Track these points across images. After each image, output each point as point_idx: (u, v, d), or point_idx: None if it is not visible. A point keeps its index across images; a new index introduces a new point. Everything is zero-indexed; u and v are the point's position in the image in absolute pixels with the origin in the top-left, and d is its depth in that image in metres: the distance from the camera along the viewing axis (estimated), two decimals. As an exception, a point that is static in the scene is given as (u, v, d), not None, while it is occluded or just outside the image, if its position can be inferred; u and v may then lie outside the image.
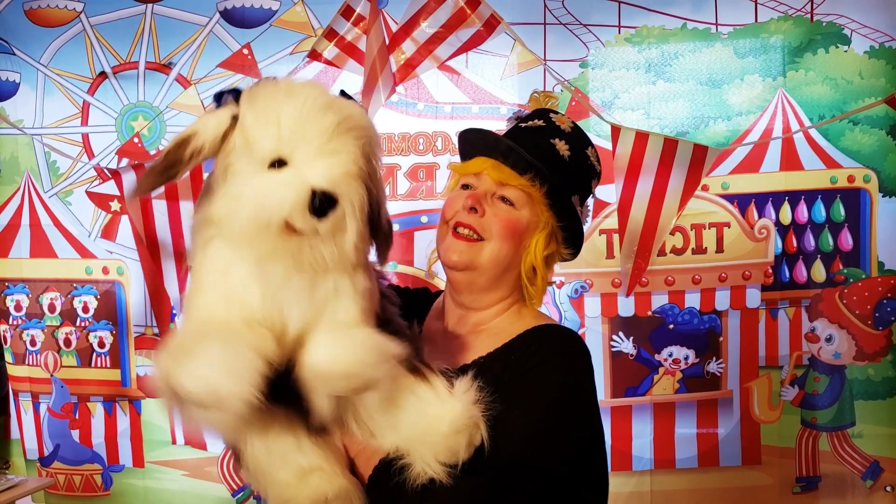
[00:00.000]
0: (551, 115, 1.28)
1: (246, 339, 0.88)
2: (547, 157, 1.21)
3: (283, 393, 0.92)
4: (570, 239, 1.26)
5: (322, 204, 0.87)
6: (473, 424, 1.02)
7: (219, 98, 0.95)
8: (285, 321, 0.94)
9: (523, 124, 1.28)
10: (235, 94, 0.96)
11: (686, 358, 2.68)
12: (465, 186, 1.25)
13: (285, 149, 0.90)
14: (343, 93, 1.01)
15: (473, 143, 1.27)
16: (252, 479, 1.06)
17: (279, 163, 0.90)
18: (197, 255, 0.98)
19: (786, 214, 2.64)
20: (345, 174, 0.90)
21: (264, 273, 0.93)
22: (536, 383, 1.11)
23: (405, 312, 1.15)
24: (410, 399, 1.02)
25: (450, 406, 1.02)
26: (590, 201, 1.32)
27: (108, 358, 2.94)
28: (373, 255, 1.05)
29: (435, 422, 1.01)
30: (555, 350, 1.16)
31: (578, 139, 1.26)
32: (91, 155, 2.90)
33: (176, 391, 0.86)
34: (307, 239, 0.90)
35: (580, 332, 2.67)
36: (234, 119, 0.93)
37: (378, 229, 1.00)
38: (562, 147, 1.23)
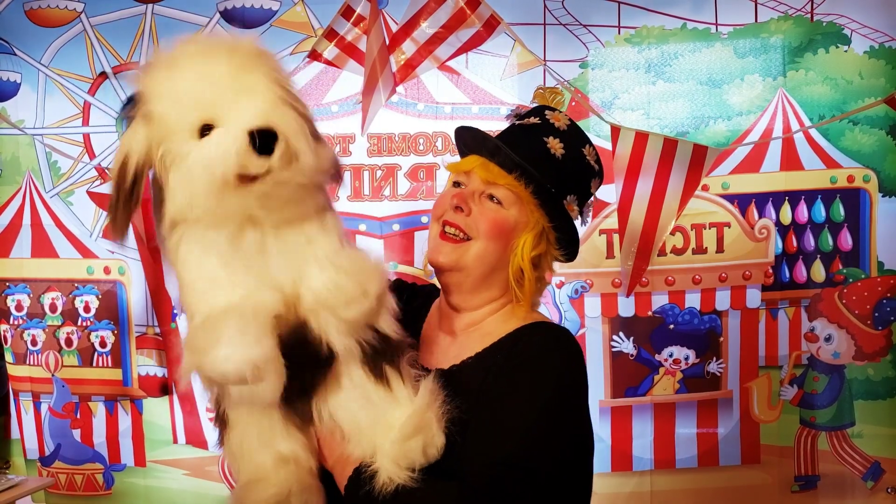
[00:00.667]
0: (547, 112, 1.26)
1: (251, 308, 0.90)
2: (537, 156, 1.19)
3: (295, 361, 0.94)
4: (563, 240, 1.23)
5: (264, 140, 0.87)
6: (425, 427, 1.01)
7: (120, 115, 0.96)
8: (275, 283, 0.95)
9: (519, 122, 1.26)
10: (131, 101, 0.95)
11: (686, 358, 2.68)
12: (457, 184, 1.24)
13: (207, 112, 0.89)
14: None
15: (466, 141, 1.27)
16: (230, 456, 1.09)
17: (207, 128, 0.89)
18: (174, 261, 0.99)
19: (786, 214, 2.64)
20: (271, 105, 0.89)
21: (237, 248, 0.94)
22: (522, 381, 1.10)
23: (409, 309, 1.16)
24: (367, 406, 1.03)
25: (400, 412, 1.02)
26: (590, 201, 1.29)
27: (109, 357, 2.94)
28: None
29: (386, 429, 1.01)
30: (542, 347, 1.15)
31: (574, 137, 1.24)
32: (92, 155, 2.90)
33: (215, 380, 0.89)
34: (267, 180, 0.89)
35: (580, 333, 2.68)
36: (145, 120, 0.92)
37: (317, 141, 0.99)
38: (555, 145, 1.20)
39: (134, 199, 0.95)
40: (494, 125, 2.66)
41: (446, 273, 1.22)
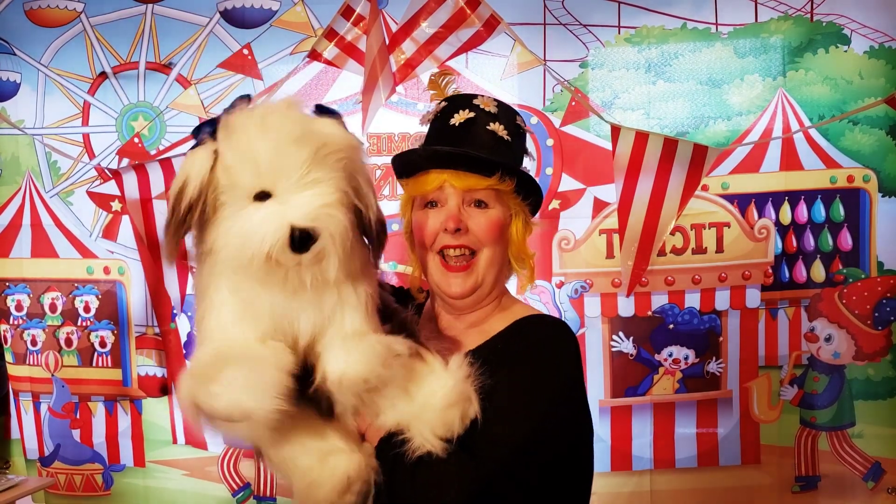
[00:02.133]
0: (475, 101, 1.26)
1: (264, 357, 0.93)
2: (496, 147, 1.22)
3: (300, 390, 0.97)
4: (534, 205, 1.29)
5: (302, 240, 0.91)
6: (466, 398, 1.05)
7: (197, 132, 0.97)
8: (296, 333, 0.99)
9: (453, 121, 1.25)
10: (212, 126, 0.97)
11: (686, 358, 2.68)
12: (430, 204, 1.24)
13: (266, 182, 0.92)
14: (320, 108, 1.01)
15: (418, 159, 1.25)
16: (276, 469, 1.09)
17: (263, 195, 0.92)
18: (203, 280, 1.01)
19: (785, 214, 2.64)
20: (324, 206, 0.92)
21: (269, 291, 0.96)
22: (525, 370, 1.13)
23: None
24: (407, 377, 1.05)
25: (443, 381, 1.06)
26: (527, 160, 1.33)
27: (109, 357, 2.94)
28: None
29: (430, 397, 1.05)
30: (539, 337, 1.19)
31: (507, 115, 1.27)
32: (92, 155, 2.90)
33: (203, 410, 0.92)
34: (294, 269, 0.94)
35: (580, 333, 2.68)
36: (216, 154, 0.95)
37: (371, 234, 1.04)
38: (500, 130, 1.24)
39: (187, 225, 0.97)
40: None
41: (460, 300, 1.24)
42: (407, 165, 1.27)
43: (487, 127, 1.23)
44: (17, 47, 2.89)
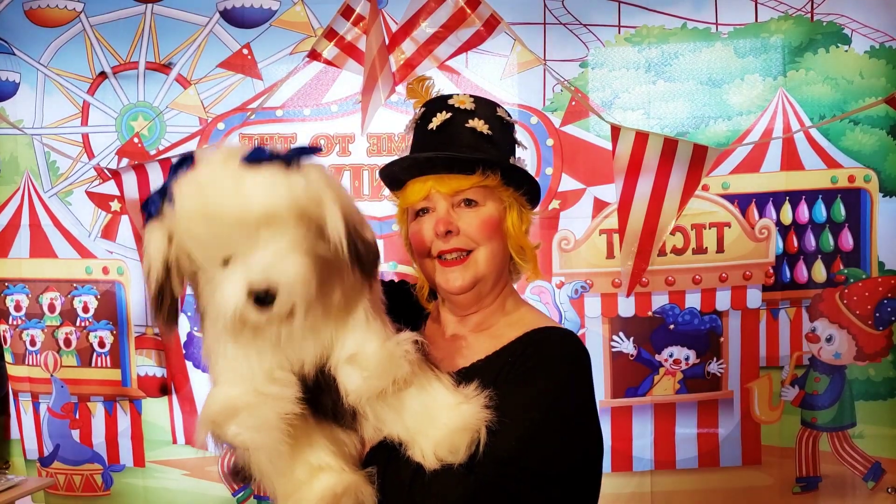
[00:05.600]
0: (450, 101, 1.26)
1: (267, 400, 0.98)
2: (477, 144, 1.21)
3: (314, 399, 1.03)
4: (529, 194, 1.27)
5: (263, 297, 0.92)
6: (476, 426, 1.03)
7: (145, 206, 0.96)
8: (301, 361, 1.03)
9: (430, 125, 1.26)
10: (161, 197, 0.95)
11: (686, 358, 2.68)
12: (421, 212, 1.24)
13: (224, 251, 0.93)
14: (257, 154, 0.95)
15: (401, 171, 1.25)
16: (261, 476, 1.08)
17: (226, 260, 0.94)
18: (207, 332, 1.05)
19: (786, 214, 2.63)
20: (279, 261, 0.92)
21: (265, 338, 1.00)
22: (532, 384, 1.11)
23: (399, 309, 1.16)
24: (415, 391, 1.05)
25: (461, 403, 1.05)
26: (520, 150, 1.33)
27: (108, 358, 2.94)
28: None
29: (444, 415, 1.04)
30: (552, 354, 1.16)
31: (486, 109, 1.26)
32: (91, 155, 2.90)
33: (222, 443, 1.00)
34: (271, 324, 0.96)
35: (580, 333, 2.67)
36: (169, 233, 0.95)
37: (360, 257, 1.01)
38: (479, 125, 1.23)
39: (173, 298, 0.99)
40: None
41: (461, 295, 1.23)
42: (392, 179, 1.28)
43: (466, 125, 1.23)
44: (17, 47, 2.88)
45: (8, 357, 3.00)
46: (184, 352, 2.88)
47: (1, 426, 3.05)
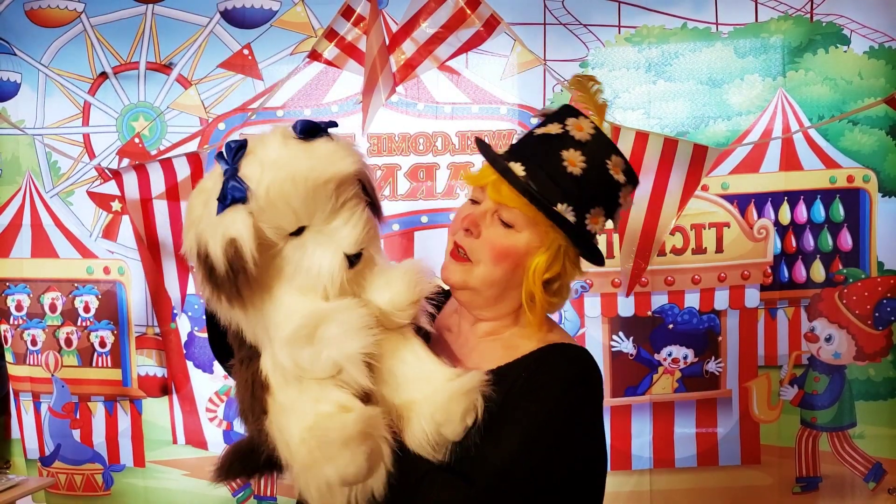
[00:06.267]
0: (570, 120, 1.16)
1: (343, 306, 1.02)
2: (552, 175, 1.11)
3: None
4: (586, 252, 1.17)
5: (354, 260, 1.04)
6: (473, 398, 1.03)
7: (222, 197, 1.00)
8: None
9: (538, 130, 1.18)
10: (229, 180, 1.00)
11: (685, 357, 2.68)
12: (474, 201, 1.20)
13: (302, 220, 1.02)
14: (306, 125, 1.04)
15: (485, 154, 1.21)
16: (278, 415, 1.04)
17: (299, 230, 1.02)
18: (259, 306, 1.07)
19: (785, 214, 2.64)
20: (362, 225, 1.04)
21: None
22: (535, 401, 1.09)
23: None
24: (413, 360, 1.07)
25: (457, 376, 1.06)
26: (618, 210, 1.21)
27: (108, 358, 2.94)
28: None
29: (442, 384, 1.05)
30: (561, 370, 1.13)
31: (598, 148, 1.14)
32: (92, 155, 2.91)
33: (306, 371, 1.01)
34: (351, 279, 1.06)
35: (580, 333, 2.68)
36: (251, 214, 1.01)
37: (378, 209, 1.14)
38: (574, 160, 1.12)
39: (246, 274, 1.01)
40: (494, 125, 2.68)
41: (457, 291, 1.21)
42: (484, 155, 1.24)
43: (561, 152, 1.12)
44: (18, 47, 2.89)
45: (9, 357, 3.01)
46: (184, 352, 2.89)
47: (2, 426, 3.05)
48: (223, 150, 1.03)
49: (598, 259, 1.19)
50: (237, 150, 1.01)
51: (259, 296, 1.03)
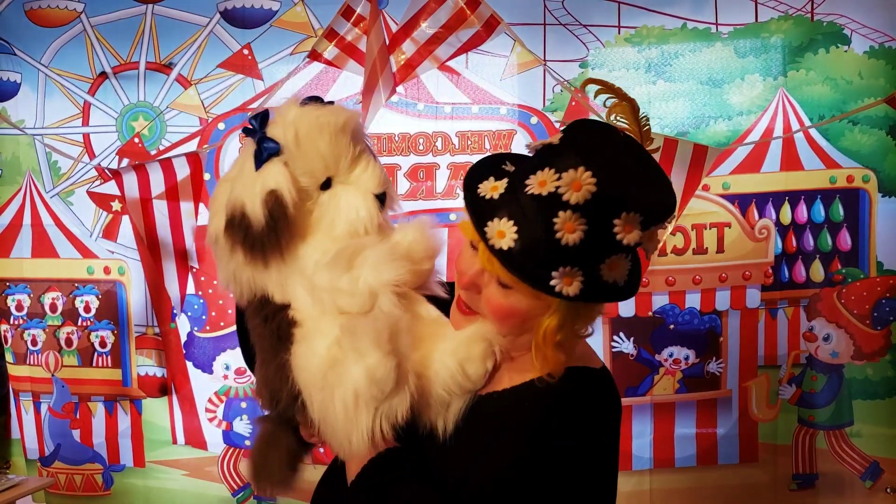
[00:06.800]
0: (566, 175, 0.90)
1: (374, 240, 1.10)
2: (542, 248, 0.92)
3: None
4: (608, 299, 1.01)
5: (382, 199, 1.12)
6: (488, 338, 1.04)
7: (258, 155, 1.08)
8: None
9: (528, 182, 0.93)
10: (260, 142, 1.09)
11: (686, 358, 2.69)
12: (474, 246, 1.05)
13: (331, 171, 1.10)
14: (311, 98, 1.14)
15: (469, 209, 1.02)
16: (306, 340, 1.06)
17: (327, 182, 1.10)
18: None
19: (786, 214, 2.64)
20: (380, 169, 1.14)
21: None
22: (541, 423, 1.02)
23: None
24: (431, 319, 1.10)
25: (472, 326, 1.07)
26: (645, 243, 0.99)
27: (109, 358, 2.94)
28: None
29: (458, 334, 1.07)
30: (572, 399, 1.04)
31: (602, 208, 0.91)
32: (92, 155, 2.90)
33: (344, 295, 1.05)
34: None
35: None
36: (286, 164, 1.08)
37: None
38: (569, 227, 0.90)
39: (284, 226, 1.07)
40: (495, 125, 2.67)
41: None
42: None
43: (553, 219, 0.91)
44: (17, 47, 2.89)
45: (9, 357, 3.00)
46: (184, 352, 2.89)
47: (2, 426, 3.05)
48: (248, 123, 1.12)
49: (628, 293, 1.00)
50: (262, 118, 1.11)
51: (296, 247, 1.09)
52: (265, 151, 1.07)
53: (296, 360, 1.04)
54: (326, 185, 1.10)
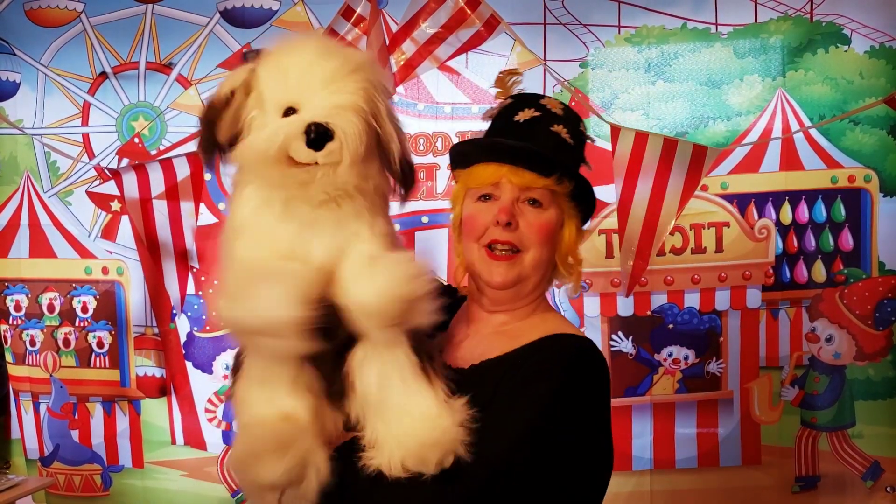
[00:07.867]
0: (542, 101, 1.26)
1: (289, 271, 0.96)
2: (557, 149, 1.20)
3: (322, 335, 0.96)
4: (584, 213, 1.27)
5: (317, 136, 0.94)
6: (452, 447, 0.98)
7: (245, 57, 1.05)
8: (311, 257, 0.99)
9: (517, 117, 1.24)
10: (258, 52, 1.05)
11: (686, 358, 2.68)
12: (484, 197, 1.21)
13: (294, 97, 0.98)
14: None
15: (477, 151, 1.24)
16: (235, 403, 1.08)
17: (291, 110, 0.98)
18: (232, 201, 1.06)
19: (786, 214, 2.64)
20: (339, 107, 0.96)
21: (290, 213, 1.00)
22: (535, 388, 1.08)
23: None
24: (401, 388, 1.01)
25: (439, 418, 1.00)
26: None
27: (107, 358, 2.94)
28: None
29: (419, 427, 0.99)
30: (561, 360, 1.13)
31: (572, 119, 1.26)
32: (91, 155, 2.90)
33: (239, 327, 0.96)
34: (311, 170, 0.97)
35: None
36: (253, 71, 1.03)
37: (394, 168, 1.05)
38: (563, 132, 1.22)
39: (215, 120, 1.02)
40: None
41: (500, 291, 1.21)
42: (465, 156, 1.26)
43: (551, 128, 1.22)
44: (17, 47, 2.89)
45: (8, 357, 3.00)
46: (183, 352, 2.88)
47: (1, 426, 3.05)
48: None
49: (593, 209, 1.29)
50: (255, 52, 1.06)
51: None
52: (249, 53, 1.05)
53: (234, 404, 1.08)
54: (289, 114, 0.98)
